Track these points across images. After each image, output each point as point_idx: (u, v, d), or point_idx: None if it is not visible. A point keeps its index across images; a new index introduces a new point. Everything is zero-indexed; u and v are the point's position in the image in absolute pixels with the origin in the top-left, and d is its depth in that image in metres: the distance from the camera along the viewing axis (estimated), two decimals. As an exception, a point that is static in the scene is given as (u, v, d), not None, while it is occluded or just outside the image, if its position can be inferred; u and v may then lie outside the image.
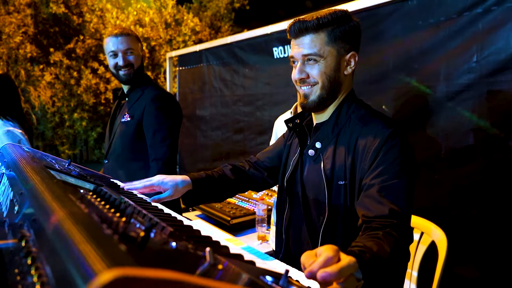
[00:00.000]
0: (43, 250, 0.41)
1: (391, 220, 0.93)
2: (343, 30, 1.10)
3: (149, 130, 1.85)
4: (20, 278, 0.45)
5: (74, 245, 0.34)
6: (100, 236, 0.36)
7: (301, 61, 1.13)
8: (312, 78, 1.12)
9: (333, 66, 1.11)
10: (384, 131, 1.05)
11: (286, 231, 1.28)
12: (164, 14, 6.04)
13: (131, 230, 0.45)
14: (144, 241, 0.42)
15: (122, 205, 0.54)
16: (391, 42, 2.19)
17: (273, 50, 3.04)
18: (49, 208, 0.45)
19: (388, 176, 0.99)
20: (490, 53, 1.79)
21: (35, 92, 4.77)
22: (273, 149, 1.46)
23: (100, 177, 1.22)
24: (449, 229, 1.71)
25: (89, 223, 0.40)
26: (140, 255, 0.36)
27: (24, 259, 0.44)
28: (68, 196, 0.52)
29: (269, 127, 3.23)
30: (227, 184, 1.37)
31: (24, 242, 0.48)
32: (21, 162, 0.83)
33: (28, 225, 0.50)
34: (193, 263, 0.45)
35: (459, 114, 1.90)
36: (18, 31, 4.64)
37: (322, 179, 1.12)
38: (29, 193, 0.58)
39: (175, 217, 0.85)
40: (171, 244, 0.47)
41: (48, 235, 0.40)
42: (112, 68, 1.97)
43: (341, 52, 1.11)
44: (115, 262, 0.30)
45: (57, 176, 0.75)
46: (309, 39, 1.10)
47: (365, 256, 0.75)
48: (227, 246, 0.68)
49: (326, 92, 1.13)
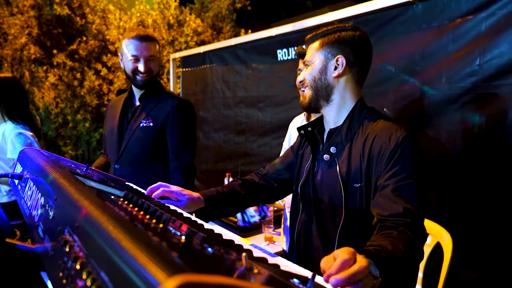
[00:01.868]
0: (94, 256, 0.43)
1: (405, 219, 0.97)
2: (331, 38, 1.23)
3: (173, 137, 1.95)
4: (67, 282, 0.48)
5: (130, 253, 0.37)
6: (151, 243, 0.39)
7: (303, 67, 1.30)
8: (305, 81, 1.28)
9: (319, 69, 1.24)
10: (399, 134, 1.10)
11: (300, 235, 1.32)
12: (167, 15, 6.06)
13: (171, 237, 0.48)
14: (187, 247, 0.45)
15: (157, 212, 0.57)
16: (394, 45, 2.22)
17: (277, 53, 3.07)
18: (94, 216, 0.48)
19: (402, 177, 1.04)
20: (493, 57, 1.82)
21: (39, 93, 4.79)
22: (282, 161, 1.50)
23: (116, 181, 1.25)
24: (453, 231, 1.74)
25: (136, 231, 0.43)
26: (189, 261, 0.39)
27: (72, 263, 0.47)
28: (106, 203, 0.55)
29: (270, 129, 3.26)
30: (237, 199, 1.40)
31: (68, 247, 0.51)
32: (46, 167, 0.85)
33: (70, 231, 0.53)
34: (230, 267, 0.48)
35: (462, 117, 1.92)
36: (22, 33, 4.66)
37: (339, 182, 1.16)
38: (65, 200, 0.61)
39: (196, 221, 0.88)
40: (208, 250, 0.50)
41: (99, 242, 0.43)
42: (129, 71, 1.93)
43: (328, 57, 1.23)
44: (176, 269, 0.33)
45: (84, 181, 0.78)
46: (308, 49, 1.28)
47: (380, 255, 0.78)
48: (250, 249, 0.71)
49: (314, 92, 1.26)
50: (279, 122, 3.10)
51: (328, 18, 2.47)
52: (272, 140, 3.22)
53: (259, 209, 2.40)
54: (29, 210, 0.81)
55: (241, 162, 3.52)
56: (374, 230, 1.01)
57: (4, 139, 2.27)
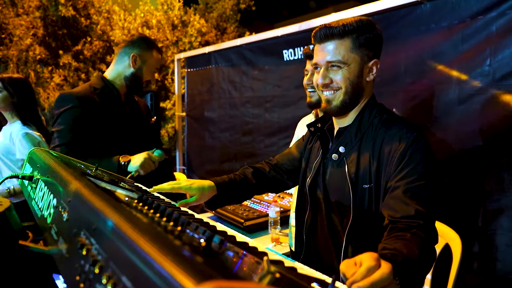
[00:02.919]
0: (114, 260, 0.42)
1: (417, 221, 0.95)
2: (367, 38, 1.13)
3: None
4: (84, 285, 0.47)
5: (155, 259, 0.36)
6: (175, 248, 0.38)
7: (325, 67, 1.15)
8: (336, 83, 1.15)
9: (356, 73, 1.14)
10: (409, 135, 1.08)
11: (307, 234, 1.30)
12: (171, 15, 6.06)
13: (191, 240, 0.47)
14: (207, 251, 0.44)
15: (173, 214, 0.56)
16: (403, 45, 2.21)
17: (283, 53, 3.06)
18: (113, 219, 0.47)
19: (413, 178, 1.02)
20: (504, 57, 1.80)
21: (44, 94, 4.80)
22: (293, 152, 1.48)
23: (125, 181, 1.24)
24: (461, 233, 1.72)
25: (157, 234, 0.42)
26: (214, 266, 0.38)
27: (90, 267, 0.46)
28: (122, 205, 0.54)
29: (277, 129, 3.25)
30: (248, 187, 1.40)
31: (85, 250, 0.49)
32: (57, 168, 0.84)
33: (87, 234, 0.52)
34: (252, 271, 0.47)
35: (471, 118, 1.90)
36: (28, 33, 4.67)
37: (347, 182, 1.14)
38: (80, 202, 0.60)
39: (208, 222, 0.86)
40: (228, 253, 0.49)
41: (120, 246, 0.42)
42: (144, 78, 2.03)
43: (365, 59, 1.14)
44: (204, 276, 0.32)
45: (96, 182, 0.77)
46: (334, 46, 1.12)
47: (397, 260, 0.77)
48: (266, 252, 0.70)
49: (349, 97, 1.15)
50: (286, 122, 3.09)
51: (334, 18, 2.46)
52: (279, 140, 3.21)
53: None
54: (40, 212, 0.80)
55: (248, 162, 3.52)
56: (385, 232, 1.00)
57: (12, 140, 2.28)
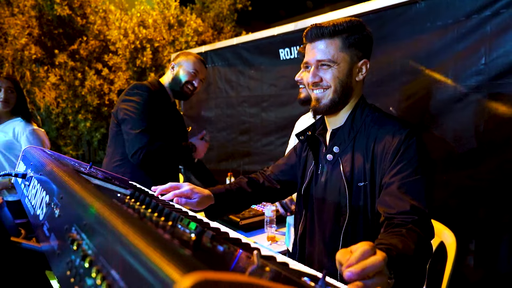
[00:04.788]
0: (103, 254, 0.42)
1: (413, 216, 0.95)
2: (357, 38, 1.14)
3: None
4: (75, 280, 0.47)
5: (143, 251, 0.36)
6: (163, 241, 0.38)
7: (315, 65, 1.16)
8: (325, 82, 1.16)
9: (346, 72, 1.15)
10: (402, 131, 1.09)
11: (303, 235, 1.31)
12: (167, 15, 6.05)
13: (182, 234, 0.47)
14: (197, 245, 0.44)
15: (165, 210, 0.56)
16: (398, 44, 2.21)
17: (279, 52, 3.06)
18: (102, 214, 0.47)
19: (407, 173, 1.03)
20: (499, 56, 1.81)
21: (40, 93, 4.78)
22: (286, 163, 1.49)
23: (120, 180, 1.24)
24: (457, 231, 1.72)
25: (147, 229, 0.42)
26: (202, 259, 0.38)
27: (80, 262, 0.46)
28: (113, 201, 0.54)
29: (274, 128, 3.25)
30: (244, 197, 1.40)
31: (76, 245, 0.49)
32: (50, 165, 0.84)
33: (78, 229, 0.52)
34: (242, 265, 0.47)
35: (467, 116, 1.91)
36: (23, 33, 4.65)
37: (342, 181, 1.15)
38: (71, 198, 0.60)
39: (202, 219, 0.87)
40: (218, 247, 0.49)
41: (109, 240, 0.42)
42: (183, 82, 2.17)
43: (354, 59, 1.16)
44: (190, 267, 0.32)
45: (89, 179, 0.77)
46: (324, 45, 1.14)
47: (391, 254, 0.77)
48: (258, 248, 0.70)
49: (338, 96, 1.17)
50: (283, 122, 3.09)
51: (330, 17, 2.46)
52: (276, 139, 3.21)
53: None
54: (33, 209, 0.80)
55: (245, 161, 3.52)
56: (381, 228, 1.00)
57: (15, 136, 2.27)
